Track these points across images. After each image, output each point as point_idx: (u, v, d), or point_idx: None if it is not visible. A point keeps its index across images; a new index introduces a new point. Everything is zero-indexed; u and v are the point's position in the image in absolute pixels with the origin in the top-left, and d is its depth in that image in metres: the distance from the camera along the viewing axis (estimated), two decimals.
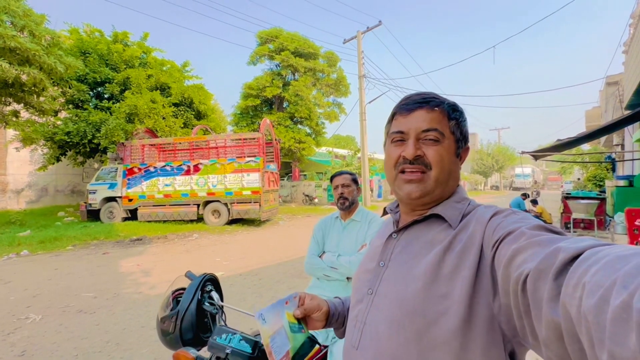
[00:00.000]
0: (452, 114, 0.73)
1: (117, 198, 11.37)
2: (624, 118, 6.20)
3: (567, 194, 9.90)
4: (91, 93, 13.48)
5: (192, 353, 1.17)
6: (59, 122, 11.94)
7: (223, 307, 1.33)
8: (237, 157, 10.95)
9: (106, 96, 13.60)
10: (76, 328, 3.50)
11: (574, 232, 8.99)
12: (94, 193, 11.43)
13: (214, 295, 1.34)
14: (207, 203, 11.01)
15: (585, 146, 19.09)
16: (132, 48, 14.33)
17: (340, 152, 26.27)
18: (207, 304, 1.30)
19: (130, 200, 11.24)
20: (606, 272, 0.34)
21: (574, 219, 9.10)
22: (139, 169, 11.27)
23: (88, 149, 12.19)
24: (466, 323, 0.58)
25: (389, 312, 0.67)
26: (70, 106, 12.55)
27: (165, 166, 11.17)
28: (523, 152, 9.96)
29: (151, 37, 15.01)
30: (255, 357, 1.09)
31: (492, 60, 14.28)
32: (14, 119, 9.95)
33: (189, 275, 1.39)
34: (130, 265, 6.15)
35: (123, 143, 11.50)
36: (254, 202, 10.67)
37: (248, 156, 10.90)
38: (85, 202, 11.69)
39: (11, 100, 9.41)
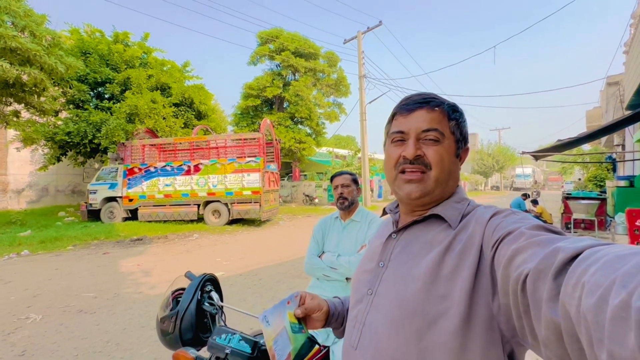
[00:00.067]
0: (452, 115, 0.73)
1: (118, 198, 11.38)
2: (625, 118, 6.20)
3: (568, 194, 9.88)
4: (92, 93, 13.50)
5: (192, 353, 1.17)
6: (60, 122, 11.96)
7: (223, 307, 1.33)
8: (238, 157, 10.96)
9: (107, 96, 13.62)
10: (76, 328, 3.50)
11: (575, 233, 8.97)
12: (95, 193, 11.45)
13: (214, 295, 1.34)
14: (208, 203, 11.02)
15: (585, 146, 19.07)
16: (133, 48, 14.34)
17: (340, 152, 26.26)
18: (207, 304, 1.30)
19: (130, 200, 11.25)
20: (605, 272, 0.34)
21: (575, 220, 9.09)
22: (140, 169, 11.28)
23: (88, 149, 12.21)
24: (466, 323, 0.58)
25: (389, 313, 0.67)
26: (70, 106, 12.57)
27: (165, 166, 11.18)
28: (523, 153, 9.96)
29: (152, 38, 15.04)
30: (254, 357, 1.09)
31: (493, 60, 14.29)
32: (15, 119, 9.97)
33: (189, 275, 1.39)
34: (130, 265, 6.15)
35: (123, 143, 11.51)
36: (254, 202, 10.68)
37: (248, 156, 10.90)
38: (85, 202, 11.70)
39: (12, 100, 9.43)
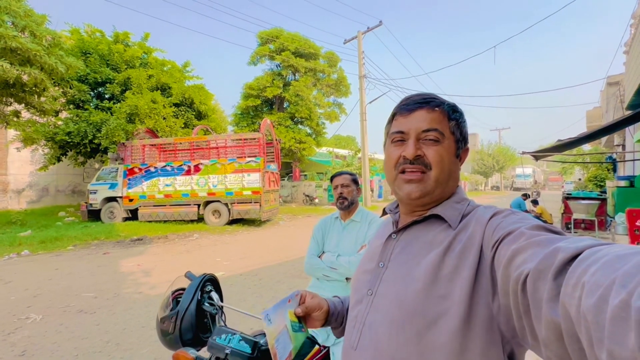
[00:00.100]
0: (452, 115, 0.73)
1: (118, 198, 11.38)
2: (625, 118, 6.20)
3: (568, 195, 9.87)
4: (92, 93, 13.50)
5: (192, 353, 1.17)
6: (60, 123, 11.96)
7: (223, 308, 1.33)
8: (238, 157, 10.96)
9: (107, 96, 13.62)
10: (76, 328, 3.50)
11: (575, 233, 8.97)
12: (95, 193, 11.45)
13: (214, 295, 1.34)
14: (208, 203, 11.02)
15: (586, 146, 19.07)
16: (133, 48, 14.34)
17: (340, 152, 26.25)
18: (207, 305, 1.30)
19: (130, 200, 11.26)
20: (605, 272, 0.34)
21: (575, 220, 9.08)
22: (140, 169, 11.28)
23: (89, 149, 12.21)
24: (466, 324, 0.58)
25: (389, 313, 0.66)
26: (71, 106, 12.57)
27: (165, 166, 11.18)
28: (524, 153, 9.97)
29: (152, 38, 15.04)
30: (254, 358, 1.09)
31: (493, 60, 14.29)
32: (15, 119, 9.97)
33: (189, 275, 1.39)
34: (130, 265, 6.16)
35: (124, 143, 11.52)
36: (255, 202, 10.68)
37: (248, 156, 10.91)
38: (86, 202, 11.70)
39: (12, 100, 9.43)
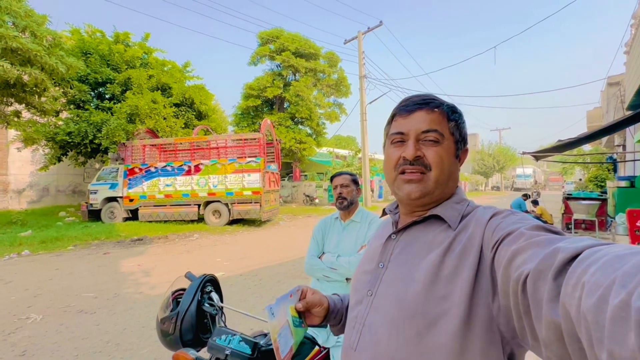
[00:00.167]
0: (452, 116, 0.73)
1: (118, 198, 11.39)
2: (626, 119, 6.20)
3: (569, 195, 9.86)
4: (92, 93, 13.50)
5: (192, 354, 1.17)
6: (60, 123, 11.97)
7: (223, 308, 1.33)
8: (238, 158, 10.97)
9: (107, 96, 13.63)
10: (77, 328, 3.50)
11: (575, 233, 8.96)
12: (95, 193, 11.46)
13: (214, 296, 1.34)
14: (208, 203, 11.02)
15: (586, 147, 19.05)
16: (134, 48, 14.35)
17: (341, 153, 26.24)
18: (207, 305, 1.30)
19: (131, 200, 11.26)
20: (605, 272, 0.34)
21: (575, 220, 9.08)
22: (140, 169, 11.29)
23: (89, 149, 12.22)
24: (466, 324, 0.58)
25: (389, 314, 0.66)
26: (71, 106, 12.58)
27: (166, 166, 11.19)
28: (524, 153, 9.97)
29: (152, 38, 15.06)
30: (254, 359, 1.09)
31: (494, 60, 14.28)
32: (16, 119, 9.98)
33: (189, 276, 1.39)
34: (131, 265, 6.16)
35: (124, 143, 11.52)
36: (255, 203, 10.68)
37: (249, 156, 10.91)
38: (86, 202, 11.71)
39: (13, 100, 9.44)
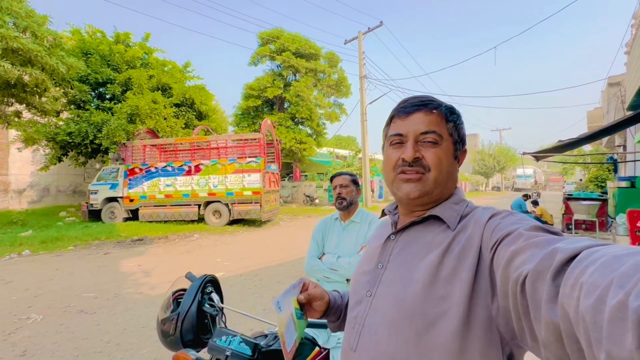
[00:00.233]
0: (450, 117, 0.73)
1: (119, 198, 11.40)
2: (626, 119, 6.20)
3: (569, 195, 9.85)
4: (93, 93, 13.51)
5: (192, 355, 1.17)
6: (61, 123, 11.98)
7: (223, 309, 1.34)
8: (238, 158, 10.97)
9: (108, 97, 13.64)
10: (77, 328, 3.51)
11: (576, 234, 8.94)
12: (96, 193, 11.47)
13: (214, 296, 1.34)
14: (208, 203, 11.03)
15: (587, 147, 19.03)
16: (134, 49, 14.36)
17: (341, 153, 26.25)
18: (208, 306, 1.30)
19: (131, 200, 11.27)
20: (603, 272, 0.34)
21: (576, 220, 9.07)
22: (140, 170, 11.29)
23: (89, 150, 12.23)
24: (465, 325, 0.58)
25: (388, 314, 0.67)
26: (72, 107, 12.59)
27: (166, 166, 11.19)
28: (524, 153, 9.96)
29: (152, 38, 15.08)
30: None
31: (494, 61, 14.29)
32: (16, 120, 9.99)
33: (190, 276, 1.39)
34: (131, 265, 6.16)
35: (124, 143, 11.53)
36: (255, 203, 10.68)
37: (249, 157, 10.91)
38: (86, 202, 11.71)
39: (13, 100, 9.45)
